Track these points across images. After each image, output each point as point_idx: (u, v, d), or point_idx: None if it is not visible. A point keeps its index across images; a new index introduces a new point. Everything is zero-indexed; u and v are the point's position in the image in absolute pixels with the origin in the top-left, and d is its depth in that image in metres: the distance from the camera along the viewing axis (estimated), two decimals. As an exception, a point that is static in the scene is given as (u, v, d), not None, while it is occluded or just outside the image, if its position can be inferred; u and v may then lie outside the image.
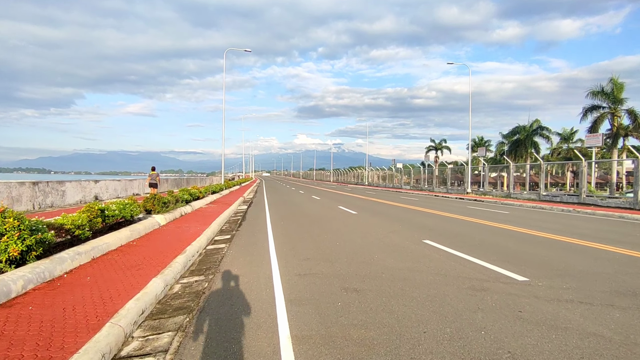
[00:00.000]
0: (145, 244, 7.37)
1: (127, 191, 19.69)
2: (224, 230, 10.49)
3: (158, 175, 18.84)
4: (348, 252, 7.36)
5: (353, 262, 6.50)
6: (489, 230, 10.54)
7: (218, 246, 8.20)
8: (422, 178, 44.96)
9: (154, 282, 4.72)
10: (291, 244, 8.32)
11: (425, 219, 13.04)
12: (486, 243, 8.36)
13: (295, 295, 4.72)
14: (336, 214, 14.78)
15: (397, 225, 11.25)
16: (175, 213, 11.59)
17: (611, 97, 38.63)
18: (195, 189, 16.25)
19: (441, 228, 10.79)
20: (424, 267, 6.13)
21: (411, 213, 15.29)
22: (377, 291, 4.86)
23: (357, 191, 37.98)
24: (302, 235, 9.50)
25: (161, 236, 8.30)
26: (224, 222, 12.03)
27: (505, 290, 4.87)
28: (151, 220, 9.34)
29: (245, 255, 7.21)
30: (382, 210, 16.40)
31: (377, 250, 7.54)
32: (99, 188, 16.19)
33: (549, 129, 53.41)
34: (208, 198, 18.62)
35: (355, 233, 9.75)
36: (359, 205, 18.95)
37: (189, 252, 6.71)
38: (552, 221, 13.12)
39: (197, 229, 9.51)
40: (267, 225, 11.46)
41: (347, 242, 8.48)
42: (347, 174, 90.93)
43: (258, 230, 10.48)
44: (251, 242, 8.55)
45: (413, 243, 8.32)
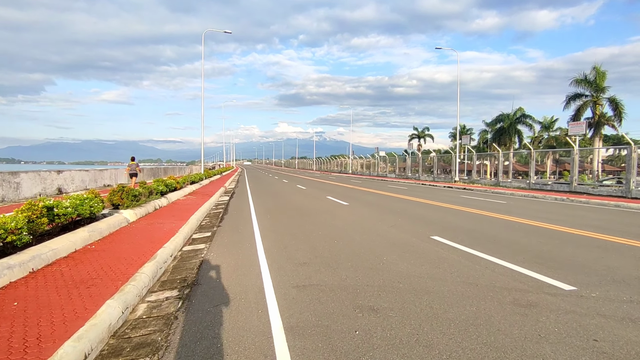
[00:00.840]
0: (107, 247, 6.10)
1: (97, 182, 18.03)
2: (204, 227, 9.26)
3: (138, 165, 18.45)
4: (350, 253, 6.30)
5: (359, 267, 5.44)
6: (497, 223, 9.69)
7: (197, 247, 7.00)
8: (407, 166, 44.37)
9: (108, 307, 3.53)
10: (282, 242, 7.19)
11: (423, 211, 12.13)
12: (502, 239, 7.46)
13: (297, 320, 3.63)
14: (326, 205, 13.72)
15: (395, 218, 10.27)
16: (148, 207, 10.25)
17: (594, 85, 38.72)
18: (171, 180, 14.85)
19: (445, 221, 9.87)
20: (446, 273, 5.12)
21: (405, 203, 14.38)
22: (401, 310, 3.82)
23: (342, 180, 37.01)
24: (293, 231, 8.38)
25: (129, 236, 7.03)
26: (203, 216, 10.77)
27: (558, 306, 3.92)
28: (118, 217, 8.02)
29: (229, 258, 6.05)
30: (374, 201, 15.43)
31: (383, 250, 6.51)
32: (62, 179, 14.55)
33: (532, 117, 53.62)
34: (186, 189, 17.22)
35: (353, 228, 8.70)
36: (348, 195, 17.94)
37: (160, 256, 5.50)
38: (555, 212, 12.44)
39: (172, 226, 8.25)
40: (252, 219, 10.29)
41: (346, 239, 7.42)
42: (329, 162, 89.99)
43: (242, 225, 9.30)
44: (235, 241, 7.38)
45: (421, 240, 7.33)
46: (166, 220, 9.05)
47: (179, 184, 15.84)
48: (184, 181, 18.02)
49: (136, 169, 18.25)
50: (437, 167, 37.82)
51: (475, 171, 31.61)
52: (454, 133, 77.76)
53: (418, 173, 40.78)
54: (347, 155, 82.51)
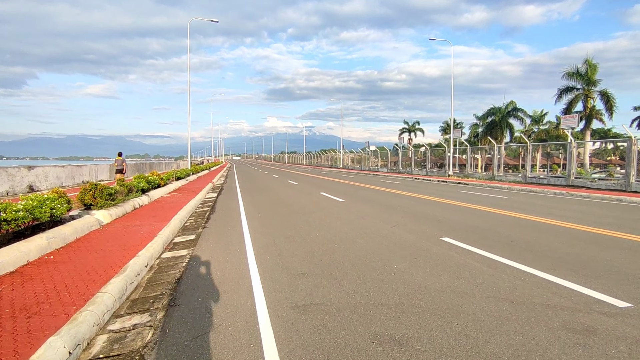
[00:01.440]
0: (69, 257, 5.18)
1: (75, 179, 16.87)
2: (188, 228, 8.36)
3: (124, 160, 18.07)
4: (354, 260, 5.50)
5: (368, 278, 4.64)
6: (505, 221, 9.00)
7: (178, 253, 6.12)
8: (399, 161, 43.80)
9: (49, 349, 2.66)
10: (275, 247, 6.35)
11: (424, 208, 11.40)
12: (518, 240, 6.75)
13: (299, 358, 2.81)
14: (320, 202, 12.90)
15: (397, 217, 9.51)
16: (126, 206, 9.29)
17: (585, 78, 38.56)
18: (154, 176, 13.84)
19: (450, 219, 9.14)
20: (470, 285, 4.36)
21: (403, 199, 13.65)
22: (430, 341, 3.03)
23: (334, 175, 36.23)
24: (287, 232, 7.55)
25: (99, 242, 6.10)
26: (188, 215, 9.85)
27: (623, 332, 3.17)
28: (88, 219, 7.06)
29: (214, 267, 5.19)
30: (370, 197, 14.67)
31: (391, 255, 5.73)
32: (34, 176, 13.41)
33: (523, 110, 53.51)
34: (171, 185, 16.21)
35: (353, 229, 7.90)
36: (342, 191, 17.15)
37: (132, 268, 4.62)
38: (560, 207, 11.84)
39: (151, 228, 7.34)
40: (241, 218, 9.42)
41: (347, 242, 6.61)
42: (319, 157, 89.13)
43: (231, 226, 8.42)
44: (222, 246, 6.51)
45: (431, 242, 6.57)
46: (145, 222, 8.11)
47: (162, 180, 14.83)
48: (169, 177, 17.00)
49: (122, 164, 17.74)
50: (429, 161, 37.29)
51: (470, 165, 31.13)
52: (445, 127, 77.70)
53: (410, 167, 40.23)
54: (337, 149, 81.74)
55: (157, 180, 13.76)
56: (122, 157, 18.06)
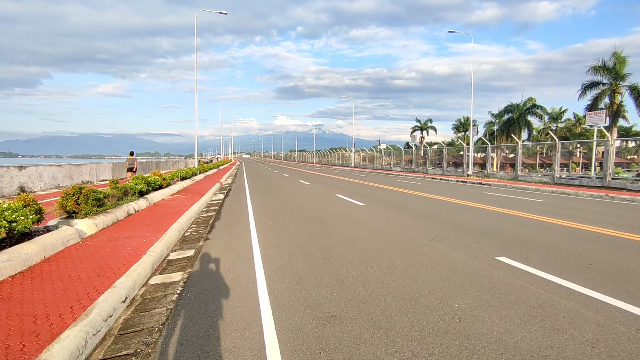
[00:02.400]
0: (20, 289, 3.93)
1: (74, 179, 15.81)
2: (187, 240, 7.10)
3: (135, 159, 19.24)
4: (399, 293, 4.15)
5: (426, 328, 3.30)
6: (563, 232, 7.56)
7: (169, 278, 4.85)
8: (413, 159, 42.21)
9: None
10: (292, 270, 5.05)
11: (457, 213, 9.99)
12: (601, 263, 5.33)
13: None
14: (338, 206, 11.57)
15: (431, 226, 8.13)
16: (118, 213, 8.08)
17: (613, 72, 36.50)
18: (155, 176, 12.66)
19: (497, 230, 7.73)
20: (582, 346, 2.99)
21: (429, 203, 12.25)
22: None
23: (346, 174, 34.85)
24: (306, 248, 6.23)
25: (69, 264, 4.86)
26: (189, 222, 8.62)
27: None
28: (64, 231, 5.84)
29: (214, 304, 3.91)
30: (391, 200, 13.29)
31: (445, 285, 4.36)
32: (26, 176, 12.33)
33: (543, 107, 51.42)
34: (175, 186, 15.04)
35: (385, 243, 6.56)
36: (359, 193, 15.79)
37: (100, 310, 3.36)
38: (614, 214, 10.32)
39: (142, 241, 6.11)
40: (249, 227, 8.14)
41: (383, 264, 5.27)
42: (330, 155, 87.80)
43: (237, 237, 7.14)
44: (226, 267, 5.23)
45: (488, 264, 5.19)
46: (137, 232, 6.88)
47: (165, 181, 13.66)
48: (173, 177, 15.84)
49: (134, 163, 18.86)
50: (446, 160, 35.66)
51: (489, 164, 29.47)
52: (457, 125, 75.69)
53: (426, 166, 38.64)
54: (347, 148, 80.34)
55: (158, 181, 12.58)
56: (134, 156, 19.22)
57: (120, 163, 22.65)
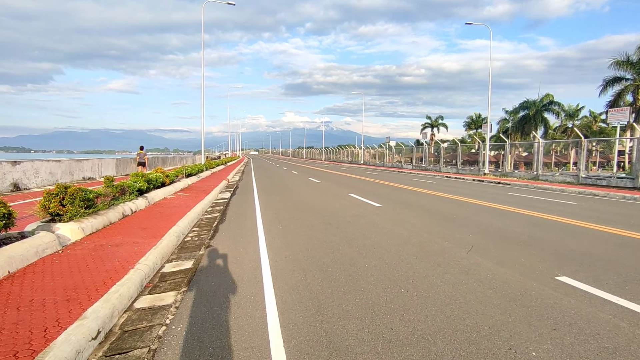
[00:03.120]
0: (-28, 317, 3.08)
1: (74, 175, 15.07)
2: (187, 247, 6.22)
3: (146, 154, 19.75)
4: (451, 331, 3.18)
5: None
6: (620, 243, 6.52)
7: (160, 300, 3.96)
8: (425, 157, 41.00)
9: None
10: (310, 291, 4.12)
11: (488, 218, 8.97)
12: (686, 285, 4.31)
13: None
14: (353, 207, 10.61)
15: (463, 233, 7.14)
16: (111, 215, 7.23)
17: (637, 67, 34.86)
18: (157, 173, 11.84)
19: (541, 239, 6.71)
20: None
21: (451, 204, 11.23)
22: None
23: (356, 171, 33.84)
24: (323, 260, 5.30)
25: (36, 282, 4.00)
26: (191, 225, 7.74)
27: None
28: (41, 238, 4.98)
29: (210, 348, 3.01)
30: (409, 200, 12.30)
31: (507, 320, 3.39)
32: (20, 172, 11.59)
33: (560, 104, 49.70)
34: (179, 184, 14.22)
35: (415, 255, 5.59)
36: (373, 192, 14.81)
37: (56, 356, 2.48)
38: (665, 219, 9.21)
39: (133, 250, 5.24)
40: (257, 231, 7.24)
41: (419, 284, 4.31)
42: (338, 152, 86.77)
43: (243, 245, 6.24)
44: (229, 288, 4.32)
45: (550, 288, 4.21)
46: (130, 238, 6.02)
47: (168, 178, 12.83)
48: (177, 174, 15.02)
49: (144, 157, 19.35)
50: (460, 158, 34.41)
51: (509, 163, 28.20)
52: (469, 122, 74.04)
53: (438, 164, 37.43)
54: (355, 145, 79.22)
55: (160, 179, 11.75)
56: (144, 150, 19.71)
57: (125, 159, 22.04)
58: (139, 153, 19.54)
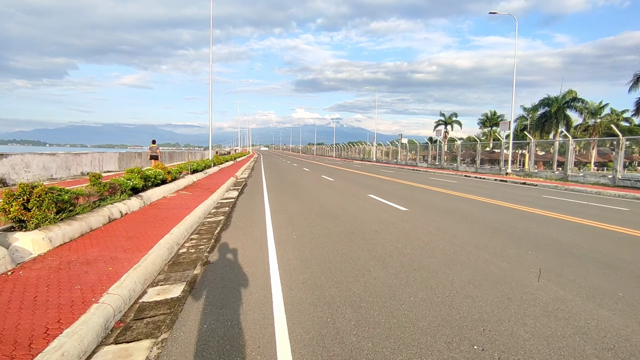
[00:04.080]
0: None
1: (71, 170, 14.03)
2: (180, 263, 5.01)
3: (158, 147, 19.99)
4: None
5: None
6: None
7: (126, 358, 2.75)
8: (441, 154, 39.37)
9: None
10: (341, 344, 2.86)
11: (538, 227, 7.59)
12: None
13: None
14: (376, 210, 9.32)
15: (518, 248, 5.80)
16: (92, 220, 6.06)
17: (673, 60, 32.77)
18: (157, 170, 10.70)
19: (624, 259, 5.34)
20: None
21: (489, 209, 9.85)
22: None
23: (369, 169, 32.45)
24: (353, 291, 4.02)
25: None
26: (188, 233, 6.54)
27: None
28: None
29: None
30: (438, 203, 10.95)
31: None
32: (8, 166, 10.53)
33: (584, 100, 47.42)
34: (182, 181, 13.08)
35: (471, 283, 4.27)
36: (394, 193, 13.48)
37: None
38: None
39: (106, 270, 4.04)
40: (267, 243, 6.00)
41: (498, 340, 3.01)
42: (349, 149, 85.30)
43: (249, 263, 5.00)
44: (226, 332, 3.10)
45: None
46: (108, 251, 4.83)
47: (170, 175, 11.68)
48: (181, 170, 13.88)
49: (157, 151, 19.64)
50: (479, 156, 32.76)
51: (533, 162, 26.51)
52: (484, 120, 71.75)
53: (455, 163, 35.81)
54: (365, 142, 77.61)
55: (160, 175, 10.60)
56: (156, 144, 20.03)
57: (129, 153, 21.17)
58: (151, 147, 20.00)
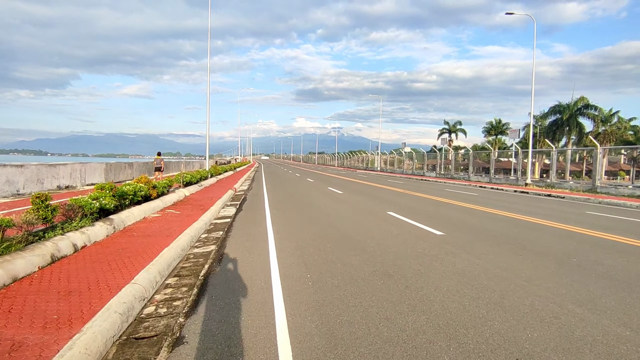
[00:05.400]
0: None
1: (44, 184, 12.21)
2: (136, 342, 3.16)
3: (162, 159, 20.46)
4: None
5: None
6: None
7: None
8: (451, 164, 37.58)
9: None
10: None
11: (621, 259, 5.74)
12: None
13: None
14: (406, 236, 7.47)
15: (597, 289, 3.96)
16: (17, 265, 4.21)
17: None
18: (138, 184, 8.89)
19: None
20: None
21: (535, 231, 8.01)
22: None
23: (375, 179, 30.63)
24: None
25: None
26: (161, 277, 4.67)
27: None
28: None
29: None
30: (471, 223, 9.11)
31: None
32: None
33: (598, 107, 45.73)
34: (170, 196, 11.26)
35: None
36: (416, 209, 11.64)
37: None
38: None
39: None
40: (272, 293, 4.15)
41: None
42: (351, 158, 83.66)
43: (246, 339, 3.16)
44: None
45: None
46: (15, 327, 3.00)
47: (155, 190, 9.87)
48: (170, 184, 12.05)
49: (161, 163, 19.96)
50: (493, 165, 30.96)
51: (555, 172, 24.67)
52: (488, 128, 70.05)
53: (467, 172, 34.01)
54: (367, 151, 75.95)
55: (141, 191, 8.78)
56: (161, 156, 20.61)
57: (119, 163, 19.49)
58: (156, 158, 20.33)
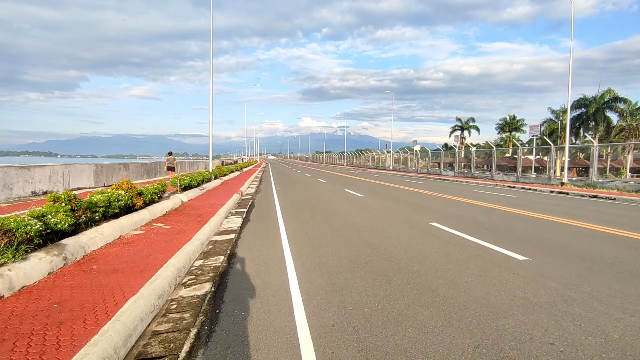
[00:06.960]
0: None
1: (13, 190, 10.25)
2: None
3: (175, 159, 20.42)
4: None
5: None
6: None
7: None
8: (472, 162, 35.21)
9: None
10: None
11: None
12: None
13: None
14: (477, 263, 5.36)
15: None
16: None
17: None
18: (112, 192, 6.90)
19: None
20: None
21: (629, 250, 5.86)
22: None
23: (391, 179, 28.46)
24: None
25: None
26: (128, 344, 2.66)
27: None
28: None
29: None
30: (539, 236, 6.96)
31: None
32: None
33: (627, 100, 42.87)
34: (162, 204, 9.24)
35: None
36: (466, 219, 9.50)
37: None
38: None
39: None
40: None
41: None
42: (359, 157, 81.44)
43: None
44: None
45: None
46: None
47: (140, 198, 7.85)
48: (163, 189, 10.03)
49: (173, 162, 19.93)
50: (520, 164, 28.57)
51: (596, 170, 22.25)
52: (502, 125, 67.24)
53: (491, 171, 31.65)
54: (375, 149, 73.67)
55: (118, 201, 6.77)
56: (173, 155, 20.54)
57: (112, 164, 17.64)
58: (168, 158, 20.47)
